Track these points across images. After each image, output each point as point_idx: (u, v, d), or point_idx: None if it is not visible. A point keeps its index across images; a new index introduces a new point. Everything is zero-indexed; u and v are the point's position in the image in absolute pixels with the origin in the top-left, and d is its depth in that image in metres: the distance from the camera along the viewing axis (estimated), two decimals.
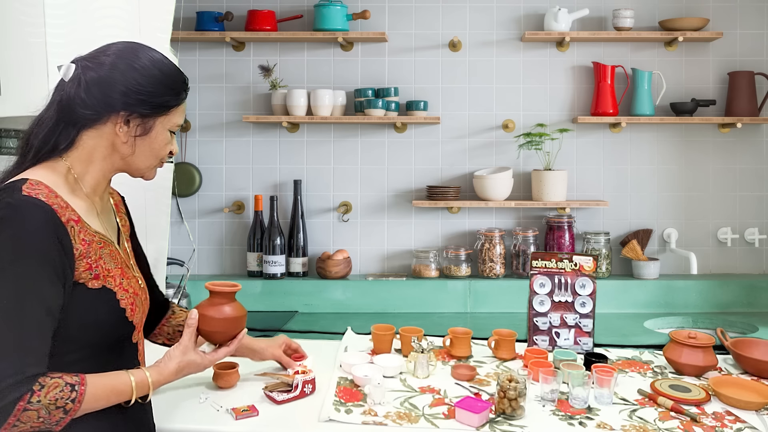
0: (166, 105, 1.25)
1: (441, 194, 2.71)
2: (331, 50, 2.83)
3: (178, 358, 1.31)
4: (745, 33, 2.79)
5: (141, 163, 1.27)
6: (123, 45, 1.25)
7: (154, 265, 2.00)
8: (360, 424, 1.46)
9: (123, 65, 1.21)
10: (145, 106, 1.22)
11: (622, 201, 2.84)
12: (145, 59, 1.23)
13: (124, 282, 1.24)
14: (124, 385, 1.18)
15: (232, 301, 1.43)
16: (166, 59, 1.27)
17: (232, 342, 1.43)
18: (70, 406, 1.09)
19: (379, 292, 2.69)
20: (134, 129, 1.23)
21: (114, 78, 1.19)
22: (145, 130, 1.24)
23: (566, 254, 1.95)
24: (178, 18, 2.10)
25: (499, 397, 1.50)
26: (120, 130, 1.21)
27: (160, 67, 1.25)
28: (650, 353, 1.97)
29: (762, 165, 2.82)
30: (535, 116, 2.82)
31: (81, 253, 1.15)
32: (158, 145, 1.27)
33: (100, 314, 1.18)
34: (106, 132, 1.21)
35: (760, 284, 2.68)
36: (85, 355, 1.18)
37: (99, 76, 1.19)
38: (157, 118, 1.25)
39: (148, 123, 1.24)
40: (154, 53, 1.26)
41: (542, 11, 2.78)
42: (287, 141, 2.86)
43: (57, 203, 1.13)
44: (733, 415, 1.51)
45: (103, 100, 1.19)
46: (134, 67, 1.21)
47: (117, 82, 1.19)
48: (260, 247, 2.76)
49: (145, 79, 1.22)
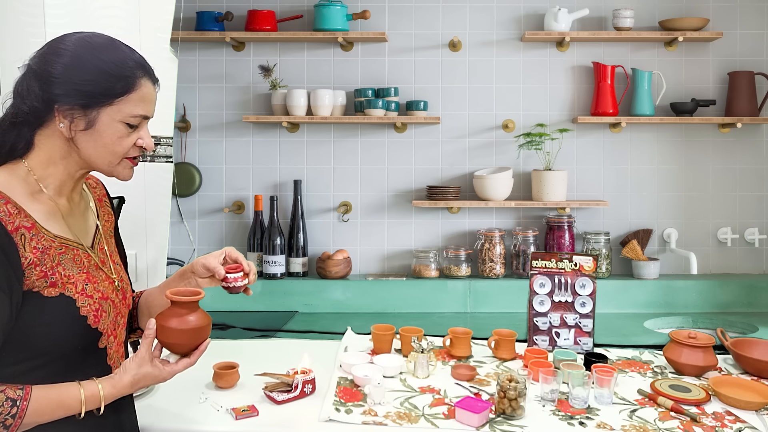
0: (108, 93, 1.14)
1: (441, 194, 2.71)
2: (331, 50, 2.83)
3: (134, 371, 1.19)
4: (745, 33, 2.79)
5: (96, 160, 1.18)
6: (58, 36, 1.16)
7: (154, 265, 2.00)
8: (360, 424, 1.46)
9: (53, 54, 1.13)
10: (81, 97, 1.12)
11: (622, 201, 2.84)
12: (80, 45, 1.14)
13: (89, 287, 1.18)
14: (73, 399, 1.12)
15: (194, 311, 1.28)
16: (111, 42, 1.17)
17: (195, 353, 1.26)
18: (10, 422, 1.05)
19: (379, 292, 2.69)
20: (79, 122, 1.14)
21: (46, 69, 1.12)
22: (89, 124, 1.14)
23: (566, 254, 1.95)
24: (178, 18, 2.10)
25: (499, 397, 1.50)
26: (61, 125, 1.13)
27: (98, 52, 1.14)
28: (650, 353, 1.97)
29: (762, 165, 2.82)
30: (535, 116, 2.82)
31: (31, 262, 1.10)
32: (109, 140, 1.16)
33: (56, 322, 1.13)
34: (56, 130, 1.14)
35: (760, 284, 2.67)
36: (44, 362, 1.14)
37: (33, 71, 1.13)
38: (101, 108, 1.14)
39: (90, 114, 1.14)
40: (94, 38, 1.16)
41: (542, 11, 2.78)
42: (287, 141, 2.86)
43: (5, 211, 1.08)
44: (733, 415, 1.51)
45: (40, 94, 1.12)
46: (66, 55, 1.13)
47: (49, 74, 1.12)
48: (260, 247, 2.76)
49: (79, 66, 1.12)
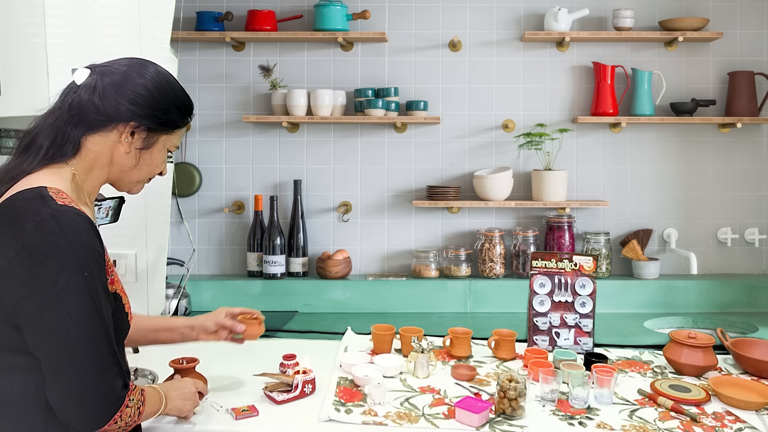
0: (173, 124, 1.28)
1: (441, 194, 2.71)
2: (331, 50, 2.83)
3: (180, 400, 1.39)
4: (745, 33, 2.79)
5: (135, 177, 1.29)
6: (137, 59, 1.28)
7: (154, 265, 2.00)
8: (360, 424, 1.46)
9: (138, 77, 1.23)
10: (153, 120, 1.24)
11: (622, 201, 2.84)
12: (160, 75, 1.27)
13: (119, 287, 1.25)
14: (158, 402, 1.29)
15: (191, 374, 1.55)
16: (177, 81, 1.31)
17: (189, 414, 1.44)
18: (142, 409, 1.18)
19: (379, 292, 2.69)
20: (138, 141, 1.25)
21: (129, 87, 1.22)
22: (148, 145, 1.26)
23: (566, 254, 1.95)
24: (178, 18, 2.10)
25: (499, 397, 1.50)
26: (125, 140, 1.23)
27: (173, 86, 1.28)
28: (650, 353, 1.97)
29: (762, 165, 2.82)
30: (535, 116, 2.82)
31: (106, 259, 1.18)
32: (156, 162, 1.30)
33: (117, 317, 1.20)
34: (110, 140, 1.23)
35: (760, 284, 2.67)
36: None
37: (114, 83, 1.21)
38: (162, 135, 1.28)
39: (153, 138, 1.26)
40: (167, 72, 1.29)
41: (542, 11, 2.78)
42: (287, 141, 2.86)
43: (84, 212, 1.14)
44: (733, 415, 1.51)
45: (116, 107, 1.20)
46: (149, 81, 1.24)
47: (131, 92, 1.22)
48: (260, 247, 2.76)
49: (159, 94, 1.25)
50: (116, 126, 1.22)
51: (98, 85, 1.21)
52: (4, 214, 1.11)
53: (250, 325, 1.64)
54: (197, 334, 1.61)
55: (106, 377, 1.09)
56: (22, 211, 1.09)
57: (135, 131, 1.23)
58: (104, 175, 1.27)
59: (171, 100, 1.27)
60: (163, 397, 1.31)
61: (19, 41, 1.74)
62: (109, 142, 1.23)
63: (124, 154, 1.24)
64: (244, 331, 1.62)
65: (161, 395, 1.31)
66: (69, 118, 1.20)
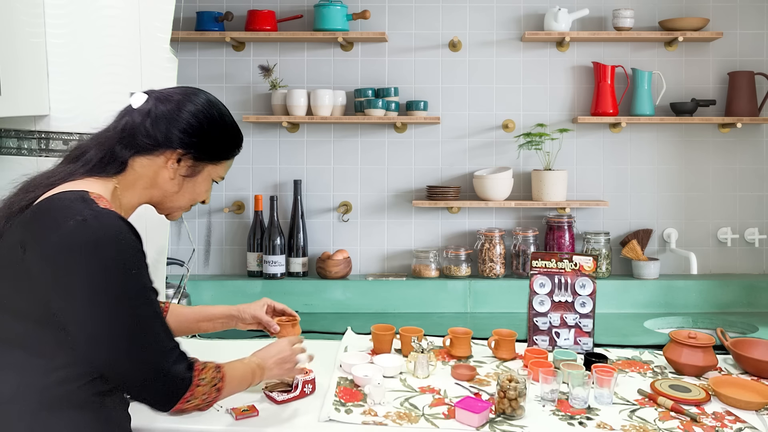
0: (219, 155, 1.33)
1: (441, 194, 2.71)
2: (331, 50, 2.83)
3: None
4: (745, 33, 2.79)
5: (176, 203, 1.33)
6: (192, 88, 1.33)
7: (154, 265, 2.00)
8: (360, 424, 1.46)
9: (191, 106, 1.27)
10: (200, 150, 1.28)
11: (622, 201, 2.84)
12: (212, 106, 1.31)
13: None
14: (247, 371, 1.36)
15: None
16: (229, 113, 1.35)
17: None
18: (220, 385, 1.24)
19: (379, 292, 2.69)
20: (183, 168, 1.29)
21: (180, 116, 1.26)
22: (193, 173, 1.31)
23: (566, 254, 1.95)
24: (178, 18, 2.10)
25: (499, 397, 1.50)
26: (170, 166, 1.27)
27: (223, 117, 1.32)
28: (650, 353, 1.97)
29: (762, 165, 2.82)
30: (535, 116, 2.82)
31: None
32: (199, 191, 1.35)
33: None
34: (156, 164, 1.27)
35: (760, 284, 2.67)
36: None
37: (167, 110, 1.26)
38: (208, 164, 1.32)
39: (198, 167, 1.31)
40: (221, 104, 1.34)
41: (542, 11, 2.78)
42: (287, 141, 2.86)
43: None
44: (733, 415, 1.51)
45: (166, 134, 1.25)
46: (200, 111, 1.28)
47: (182, 121, 1.26)
48: (260, 247, 2.76)
49: (209, 124, 1.29)
50: (164, 152, 1.26)
51: (152, 111, 1.25)
52: (43, 210, 1.13)
53: (284, 327, 1.66)
54: (235, 324, 1.67)
55: (168, 360, 1.15)
56: (65, 210, 1.11)
57: (181, 158, 1.28)
58: (146, 196, 1.31)
59: (220, 131, 1.31)
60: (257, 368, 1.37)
61: (20, 41, 1.74)
62: (154, 166, 1.27)
63: (168, 179, 1.28)
64: (278, 333, 1.66)
65: (251, 368, 1.36)
66: (120, 138, 1.25)
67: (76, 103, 1.87)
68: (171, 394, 1.16)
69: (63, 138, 1.88)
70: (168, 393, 1.16)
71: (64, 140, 1.87)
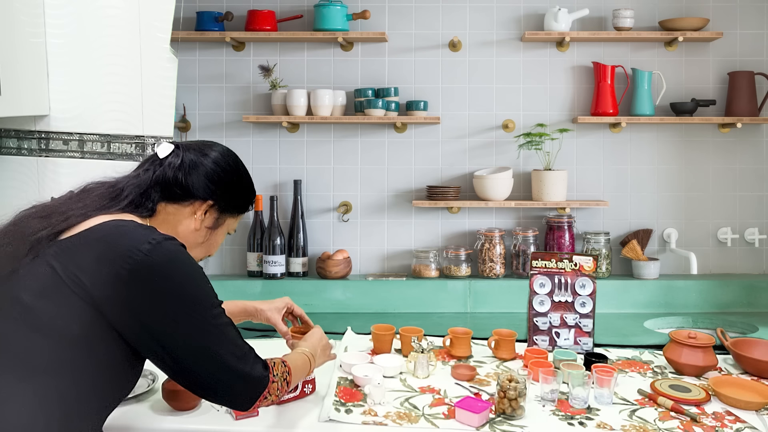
0: (241, 207, 1.40)
1: (441, 194, 2.71)
2: (331, 50, 2.83)
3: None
4: (745, 33, 2.79)
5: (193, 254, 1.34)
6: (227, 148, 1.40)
7: None
8: (360, 424, 1.46)
9: (225, 163, 1.35)
10: (227, 204, 1.36)
11: (622, 201, 2.84)
12: (242, 166, 1.40)
13: None
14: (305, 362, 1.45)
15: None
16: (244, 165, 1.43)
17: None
18: (289, 379, 1.32)
19: (379, 292, 2.69)
20: (209, 220, 1.35)
21: (216, 172, 1.33)
22: (216, 225, 1.37)
23: (566, 254, 1.95)
24: (178, 18, 2.10)
25: (499, 397, 1.50)
26: (197, 216, 1.32)
27: (247, 174, 1.41)
28: (650, 353, 1.98)
29: (762, 165, 2.82)
30: (535, 116, 2.82)
31: None
32: (216, 241, 1.40)
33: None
34: (183, 212, 1.32)
35: (760, 284, 2.67)
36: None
37: (203, 165, 1.32)
38: (228, 217, 1.38)
39: (221, 219, 1.37)
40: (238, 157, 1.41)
41: (542, 11, 2.78)
42: (287, 141, 2.86)
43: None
44: (733, 415, 1.52)
45: (198, 185, 1.31)
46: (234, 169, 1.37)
47: (216, 175, 1.32)
48: (260, 247, 2.76)
49: (239, 181, 1.38)
50: (193, 203, 1.31)
51: (185, 163, 1.31)
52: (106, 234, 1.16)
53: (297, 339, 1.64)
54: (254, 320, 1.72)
55: (248, 363, 1.23)
56: (133, 234, 1.16)
57: (209, 210, 1.33)
58: None
59: (247, 189, 1.40)
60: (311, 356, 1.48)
61: (20, 41, 1.74)
62: (181, 214, 1.32)
63: (193, 230, 1.33)
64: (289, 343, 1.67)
65: (307, 357, 1.46)
66: (153, 182, 1.29)
67: (76, 103, 1.87)
68: (253, 394, 1.24)
69: (63, 138, 1.88)
70: (250, 393, 1.24)
71: (64, 140, 1.87)
